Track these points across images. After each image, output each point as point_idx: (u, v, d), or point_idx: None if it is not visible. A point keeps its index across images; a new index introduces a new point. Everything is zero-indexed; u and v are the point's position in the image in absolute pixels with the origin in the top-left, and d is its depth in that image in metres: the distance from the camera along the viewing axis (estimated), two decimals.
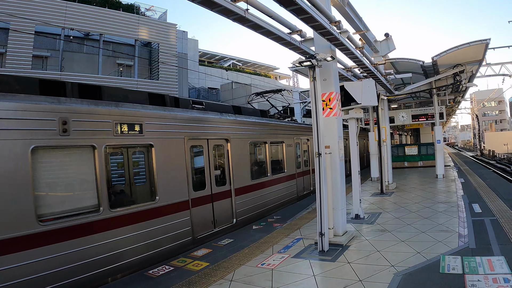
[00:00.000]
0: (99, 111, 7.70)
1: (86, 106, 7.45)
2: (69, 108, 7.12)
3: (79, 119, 7.23)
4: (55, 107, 6.89)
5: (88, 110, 7.48)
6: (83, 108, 7.39)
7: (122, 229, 7.78)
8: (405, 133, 52.30)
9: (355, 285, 6.07)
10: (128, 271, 7.75)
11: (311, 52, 8.72)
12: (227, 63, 56.41)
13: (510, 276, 5.85)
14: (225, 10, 6.04)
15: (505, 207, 11.21)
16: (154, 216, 8.59)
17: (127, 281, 7.25)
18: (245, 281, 6.68)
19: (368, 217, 11.23)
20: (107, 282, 7.30)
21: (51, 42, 24.37)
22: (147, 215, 8.44)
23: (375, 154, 19.25)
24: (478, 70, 19.45)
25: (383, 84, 14.74)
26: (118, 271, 7.59)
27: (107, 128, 7.77)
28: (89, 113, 7.48)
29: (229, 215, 11.57)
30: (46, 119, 6.70)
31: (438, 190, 15.89)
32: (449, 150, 77.86)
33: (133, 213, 8.09)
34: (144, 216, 8.35)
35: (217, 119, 11.58)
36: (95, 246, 7.15)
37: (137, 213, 8.20)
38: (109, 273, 7.39)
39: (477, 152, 70.94)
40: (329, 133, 8.78)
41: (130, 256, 7.88)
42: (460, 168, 26.59)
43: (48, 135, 6.70)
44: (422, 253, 7.43)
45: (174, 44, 30.46)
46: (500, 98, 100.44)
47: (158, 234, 8.62)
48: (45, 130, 6.68)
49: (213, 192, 10.92)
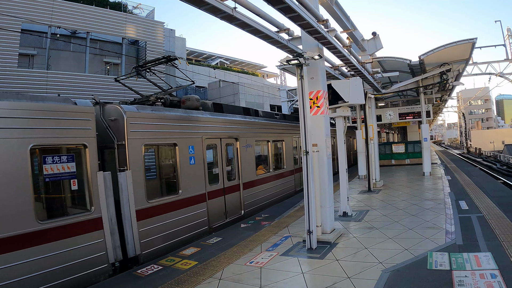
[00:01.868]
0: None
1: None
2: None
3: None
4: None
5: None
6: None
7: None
8: (392, 131, 52.70)
9: (343, 282, 6.10)
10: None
11: (299, 50, 8.72)
12: (214, 61, 56.25)
13: (497, 271, 5.92)
14: (212, 8, 6.01)
15: (491, 204, 11.33)
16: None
17: (115, 281, 7.21)
18: (234, 279, 6.68)
19: (355, 215, 11.30)
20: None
21: (37, 40, 24.07)
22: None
23: (362, 152, 19.38)
24: (464, 69, 19.67)
25: (370, 82, 14.80)
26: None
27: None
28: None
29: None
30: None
31: (425, 188, 16.03)
32: (436, 148, 78.55)
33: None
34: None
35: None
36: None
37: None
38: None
39: (463, 150, 71.75)
40: (317, 131, 8.81)
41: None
42: (447, 165, 26.80)
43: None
44: (409, 249, 7.50)
45: (161, 42, 30.28)
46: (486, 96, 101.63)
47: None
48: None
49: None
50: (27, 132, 6.54)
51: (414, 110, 22.74)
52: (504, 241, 7.46)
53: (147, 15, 32.41)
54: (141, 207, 8.56)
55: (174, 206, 9.59)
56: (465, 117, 78.32)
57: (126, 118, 8.40)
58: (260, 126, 15.15)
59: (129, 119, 8.49)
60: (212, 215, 11.03)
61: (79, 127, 7.46)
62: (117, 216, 8.07)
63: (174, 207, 9.59)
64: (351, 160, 29.53)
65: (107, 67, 28.42)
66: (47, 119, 6.89)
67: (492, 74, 31.14)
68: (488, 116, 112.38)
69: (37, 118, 6.75)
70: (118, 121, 8.44)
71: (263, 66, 66.67)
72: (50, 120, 6.94)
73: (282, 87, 40.02)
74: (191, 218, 10.14)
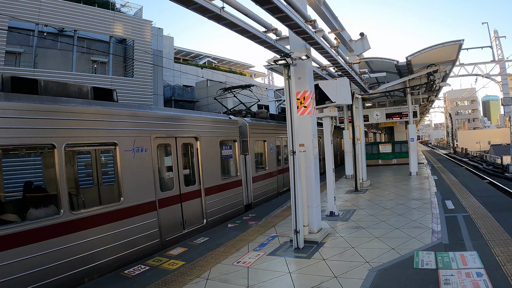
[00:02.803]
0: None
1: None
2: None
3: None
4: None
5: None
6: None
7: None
8: (379, 131, 52.95)
9: (330, 282, 6.12)
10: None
11: (286, 50, 8.73)
12: (202, 60, 55.93)
13: (482, 270, 5.99)
14: (200, 8, 5.98)
15: (477, 204, 11.46)
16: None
17: (102, 281, 7.15)
18: (221, 279, 6.67)
19: (342, 214, 11.36)
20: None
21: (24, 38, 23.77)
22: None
23: (349, 152, 19.46)
24: (451, 70, 19.81)
25: (357, 83, 14.87)
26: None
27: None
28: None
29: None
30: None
31: (411, 187, 16.16)
32: (423, 148, 79.18)
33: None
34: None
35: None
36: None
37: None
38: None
39: (450, 150, 72.36)
40: (304, 131, 8.84)
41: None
42: (434, 165, 27.05)
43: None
44: (396, 249, 7.56)
45: (149, 41, 30.02)
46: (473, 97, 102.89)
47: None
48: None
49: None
50: (219, 133, 12.55)
51: (401, 111, 22.89)
52: (490, 240, 7.55)
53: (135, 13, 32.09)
54: (253, 175, 14.50)
55: (264, 176, 15.74)
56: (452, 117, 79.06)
57: (248, 126, 14.53)
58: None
59: (249, 126, 14.62)
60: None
61: (233, 131, 13.60)
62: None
63: (264, 177, 15.75)
64: (338, 160, 29.65)
65: (94, 66, 28.15)
66: (226, 126, 13.12)
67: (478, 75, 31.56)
68: (475, 117, 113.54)
69: (222, 126, 12.93)
70: (243, 127, 14.37)
71: (251, 65, 66.48)
72: (226, 127, 13.18)
73: (270, 87, 40.01)
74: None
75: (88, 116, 7.81)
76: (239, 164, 13.63)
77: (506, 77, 32.77)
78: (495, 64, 32.09)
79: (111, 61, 28.11)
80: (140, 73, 28.90)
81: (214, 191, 11.91)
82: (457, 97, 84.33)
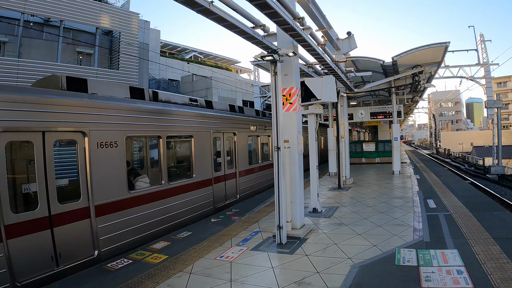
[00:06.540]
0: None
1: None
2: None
3: None
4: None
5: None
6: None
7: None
8: (363, 130, 53.35)
9: (313, 277, 6.18)
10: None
11: (274, 47, 8.73)
12: (188, 55, 55.56)
13: (463, 268, 6.11)
14: (189, 2, 5.96)
15: (458, 203, 11.65)
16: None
17: (85, 274, 7.10)
18: (204, 273, 6.68)
19: (325, 211, 11.44)
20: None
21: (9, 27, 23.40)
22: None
23: (333, 150, 19.61)
24: (436, 71, 20.01)
25: (343, 81, 14.94)
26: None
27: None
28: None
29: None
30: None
31: (394, 186, 16.34)
32: (406, 147, 79.82)
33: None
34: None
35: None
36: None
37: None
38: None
39: (433, 150, 73.03)
40: (289, 127, 8.89)
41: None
42: (416, 165, 27.32)
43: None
44: (378, 246, 7.65)
45: (135, 33, 29.78)
46: (457, 99, 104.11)
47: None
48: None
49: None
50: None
51: (385, 110, 23.11)
52: (470, 239, 7.70)
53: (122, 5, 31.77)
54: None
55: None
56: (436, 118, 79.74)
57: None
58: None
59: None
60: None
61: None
62: None
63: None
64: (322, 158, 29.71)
65: (80, 57, 27.85)
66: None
67: (463, 77, 31.86)
68: (458, 118, 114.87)
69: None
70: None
71: (237, 61, 66.22)
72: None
73: (256, 83, 39.99)
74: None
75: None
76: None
77: (490, 80, 33.27)
78: (480, 67, 32.50)
79: (97, 53, 27.82)
80: (125, 65, 28.69)
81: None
82: (442, 99, 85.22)
